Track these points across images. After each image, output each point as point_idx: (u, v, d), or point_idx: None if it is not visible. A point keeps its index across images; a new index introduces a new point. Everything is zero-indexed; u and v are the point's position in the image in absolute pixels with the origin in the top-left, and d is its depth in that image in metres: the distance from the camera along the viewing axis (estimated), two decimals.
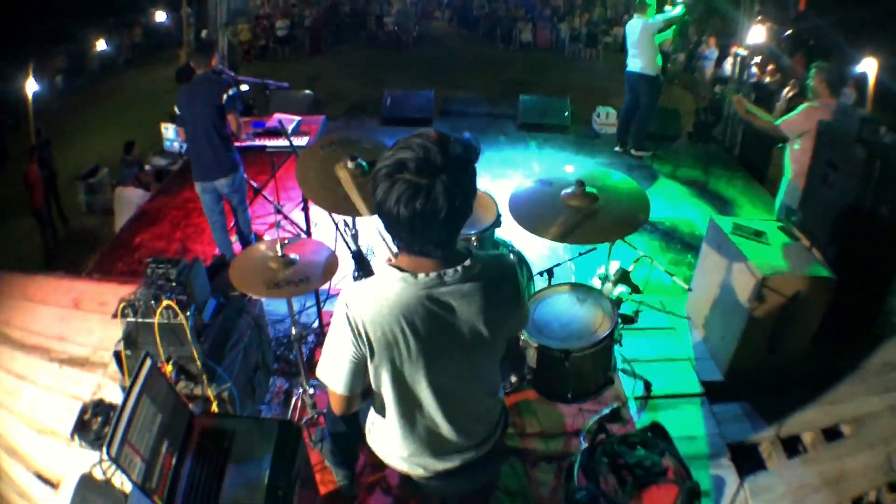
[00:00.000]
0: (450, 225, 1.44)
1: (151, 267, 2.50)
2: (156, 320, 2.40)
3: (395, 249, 1.56)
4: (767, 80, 10.28)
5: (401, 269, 1.51)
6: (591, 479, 2.57)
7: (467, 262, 1.52)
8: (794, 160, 4.07)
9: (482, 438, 1.79)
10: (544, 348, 2.62)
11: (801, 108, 3.97)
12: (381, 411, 1.72)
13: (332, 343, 1.58)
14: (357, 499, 2.54)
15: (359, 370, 1.58)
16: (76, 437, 2.35)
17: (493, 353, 1.67)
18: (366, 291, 1.52)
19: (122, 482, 2.12)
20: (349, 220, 2.99)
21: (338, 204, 2.65)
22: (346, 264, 2.71)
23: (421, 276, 1.50)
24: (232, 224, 4.56)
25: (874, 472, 2.50)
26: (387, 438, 1.77)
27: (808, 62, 5.87)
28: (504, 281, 1.60)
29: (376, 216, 1.48)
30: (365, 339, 1.50)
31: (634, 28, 6.40)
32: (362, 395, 1.66)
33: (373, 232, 3.14)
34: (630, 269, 2.91)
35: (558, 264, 3.10)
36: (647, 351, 3.51)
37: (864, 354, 3.25)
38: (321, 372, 1.63)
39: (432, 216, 1.38)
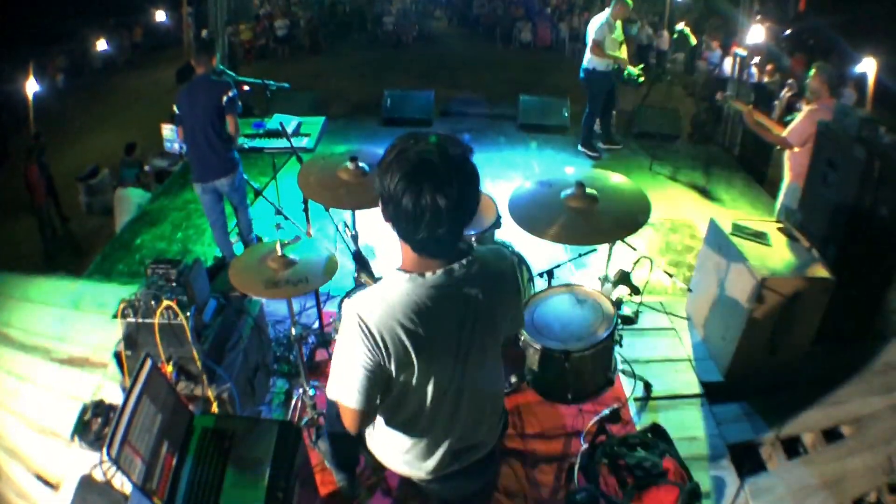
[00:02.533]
0: (458, 219, 1.44)
1: (152, 268, 2.51)
2: (156, 321, 2.40)
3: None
4: (766, 80, 10.29)
5: (407, 272, 1.51)
6: (592, 481, 2.57)
7: (470, 258, 1.53)
8: (794, 161, 4.07)
9: (484, 440, 1.79)
10: (544, 349, 2.62)
11: (803, 112, 3.97)
12: (385, 415, 1.71)
13: (344, 355, 1.52)
14: (357, 500, 2.54)
15: (374, 380, 1.50)
16: (76, 438, 2.36)
17: (498, 347, 1.70)
18: (375, 297, 1.50)
19: (122, 483, 2.12)
20: (349, 220, 3.00)
21: (339, 200, 2.76)
22: (347, 265, 2.73)
23: (429, 275, 1.49)
24: (233, 226, 4.56)
25: (875, 473, 2.49)
26: (388, 442, 1.77)
27: (808, 62, 5.88)
28: (504, 272, 1.63)
29: (382, 210, 1.48)
30: (381, 343, 1.46)
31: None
32: (376, 409, 1.60)
33: (373, 233, 3.15)
34: (630, 270, 2.91)
35: (558, 265, 3.10)
36: (646, 352, 3.51)
37: (864, 355, 3.25)
38: (333, 389, 1.56)
39: (473, 194, 1.43)
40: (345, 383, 1.52)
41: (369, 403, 1.53)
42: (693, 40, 11.98)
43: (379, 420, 1.76)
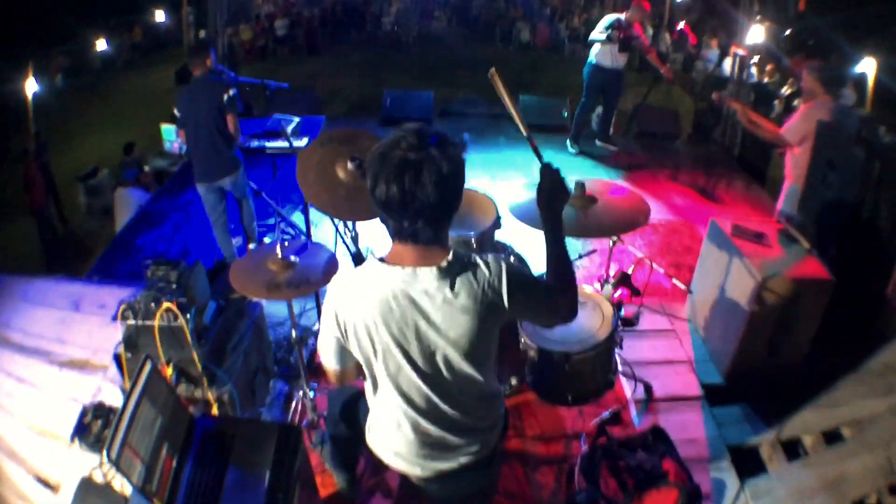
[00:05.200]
0: (441, 202, 1.47)
1: (152, 269, 2.50)
2: (156, 323, 2.40)
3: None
4: (766, 80, 10.29)
5: (383, 261, 1.56)
6: (592, 482, 2.57)
7: (443, 263, 1.53)
8: (794, 162, 4.06)
9: (479, 441, 1.77)
10: (544, 351, 2.62)
11: (799, 110, 3.96)
12: (374, 403, 1.77)
13: (322, 323, 1.71)
14: (357, 501, 2.54)
15: (343, 350, 1.71)
16: (76, 440, 2.35)
17: (469, 354, 1.59)
18: (348, 281, 1.63)
19: (122, 485, 2.11)
20: (349, 222, 3.00)
21: (338, 206, 2.64)
22: (346, 266, 2.72)
23: (397, 268, 1.53)
24: (235, 223, 4.56)
25: (875, 475, 2.49)
26: (383, 434, 1.79)
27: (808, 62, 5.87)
28: (475, 284, 1.52)
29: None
30: (342, 325, 1.62)
31: None
32: (356, 368, 1.77)
33: (372, 233, 3.16)
34: (630, 271, 2.91)
35: None
36: (647, 353, 3.51)
37: (863, 356, 3.25)
38: (319, 350, 1.78)
39: (424, 188, 1.44)
40: (322, 346, 1.75)
41: (343, 365, 1.75)
42: (692, 40, 11.99)
43: (374, 412, 1.81)
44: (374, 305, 1.55)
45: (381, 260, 1.58)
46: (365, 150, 2.76)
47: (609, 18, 6.33)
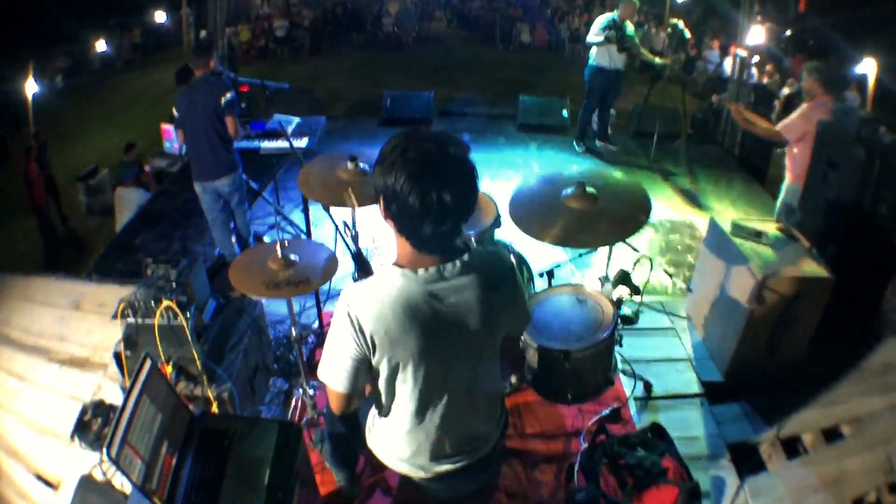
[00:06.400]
0: (473, 204, 1.49)
1: (151, 267, 2.50)
2: (156, 321, 2.40)
3: (396, 247, 1.57)
4: (766, 80, 10.29)
5: (401, 267, 1.53)
6: (591, 480, 2.57)
7: (465, 257, 1.54)
8: (794, 162, 4.07)
9: (483, 440, 1.79)
10: (544, 349, 2.63)
11: (799, 109, 3.97)
12: (383, 411, 1.73)
13: (333, 342, 1.59)
14: (357, 499, 2.54)
15: (360, 369, 1.58)
16: (76, 438, 2.35)
17: (493, 348, 1.68)
18: (367, 290, 1.53)
19: (122, 483, 2.12)
20: (349, 221, 3.00)
21: (338, 200, 2.72)
22: (346, 265, 2.73)
23: (421, 271, 1.51)
24: (232, 225, 4.56)
25: (874, 473, 2.49)
26: (387, 439, 1.77)
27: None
28: (501, 274, 1.62)
29: (384, 208, 1.49)
30: (368, 337, 1.51)
31: None
32: (361, 393, 1.66)
33: (373, 233, 3.16)
34: (630, 270, 2.91)
35: (559, 265, 3.10)
36: (647, 351, 3.52)
37: (863, 355, 3.25)
38: (321, 371, 1.63)
39: (466, 193, 1.44)
40: (332, 368, 1.60)
41: (354, 387, 1.60)
42: (687, 34, 11.93)
43: (378, 417, 1.77)
44: (403, 312, 1.49)
45: (398, 265, 1.53)
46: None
47: (603, 20, 6.36)
